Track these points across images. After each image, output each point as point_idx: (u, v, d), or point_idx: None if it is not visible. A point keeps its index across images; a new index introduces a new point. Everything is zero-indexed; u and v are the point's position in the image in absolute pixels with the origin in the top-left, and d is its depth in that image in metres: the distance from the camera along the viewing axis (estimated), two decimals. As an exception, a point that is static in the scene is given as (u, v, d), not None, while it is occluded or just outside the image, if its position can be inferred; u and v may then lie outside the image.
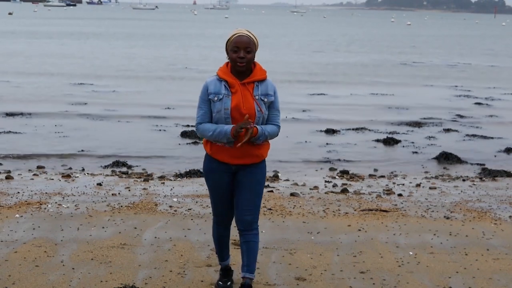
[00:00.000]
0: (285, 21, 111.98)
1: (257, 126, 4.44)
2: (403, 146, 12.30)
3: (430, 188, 8.75)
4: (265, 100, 4.49)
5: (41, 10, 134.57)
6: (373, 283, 5.05)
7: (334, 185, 8.74)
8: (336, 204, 7.51)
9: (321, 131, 13.60)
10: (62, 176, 8.99)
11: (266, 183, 8.58)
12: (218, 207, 4.70)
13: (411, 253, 5.79)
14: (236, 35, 4.44)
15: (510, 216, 7.18)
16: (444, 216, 7.06)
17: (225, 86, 4.47)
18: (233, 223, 4.77)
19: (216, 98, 4.45)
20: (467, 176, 9.81)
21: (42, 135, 12.58)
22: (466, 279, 5.21)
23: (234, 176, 4.59)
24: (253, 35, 4.48)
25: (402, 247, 5.94)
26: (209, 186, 4.69)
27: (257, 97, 4.46)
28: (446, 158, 11.08)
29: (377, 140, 12.69)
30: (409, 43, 51.38)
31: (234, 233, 5.06)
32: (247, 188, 4.55)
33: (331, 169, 10.27)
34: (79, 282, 4.92)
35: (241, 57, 4.41)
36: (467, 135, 13.56)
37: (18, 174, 9.12)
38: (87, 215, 6.73)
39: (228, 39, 4.46)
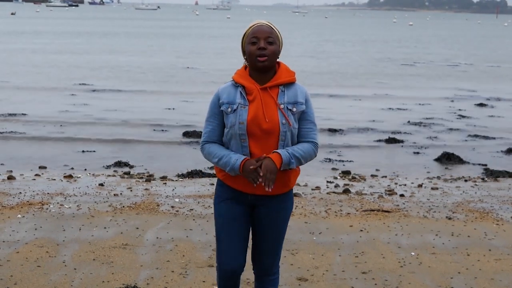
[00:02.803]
0: (288, 21, 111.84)
1: (280, 152, 3.39)
2: (405, 147, 12.29)
3: (432, 188, 8.74)
4: (294, 109, 3.44)
5: (43, 11, 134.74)
6: (375, 284, 5.04)
7: (336, 186, 8.74)
8: (338, 204, 7.50)
9: (323, 131, 13.60)
10: (64, 177, 9.00)
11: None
12: (225, 248, 3.55)
13: (413, 253, 5.78)
14: (255, 25, 3.48)
15: (512, 217, 7.18)
16: (446, 217, 7.05)
17: (241, 93, 3.45)
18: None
19: (229, 109, 3.43)
20: (469, 177, 9.80)
21: (43, 135, 12.60)
22: (468, 279, 5.20)
23: (253, 210, 3.58)
24: (275, 27, 3.52)
25: (404, 248, 5.93)
26: (217, 218, 3.62)
27: (282, 105, 3.42)
28: (448, 158, 11.07)
29: (379, 140, 12.69)
30: (412, 43, 51.35)
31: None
32: (271, 229, 3.59)
33: (333, 169, 10.28)
34: (81, 282, 4.92)
35: (262, 47, 3.40)
36: (469, 135, 13.55)
37: (20, 174, 9.12)
38: (89, 216, 6.73)
39: (245, 33, 3.51)
